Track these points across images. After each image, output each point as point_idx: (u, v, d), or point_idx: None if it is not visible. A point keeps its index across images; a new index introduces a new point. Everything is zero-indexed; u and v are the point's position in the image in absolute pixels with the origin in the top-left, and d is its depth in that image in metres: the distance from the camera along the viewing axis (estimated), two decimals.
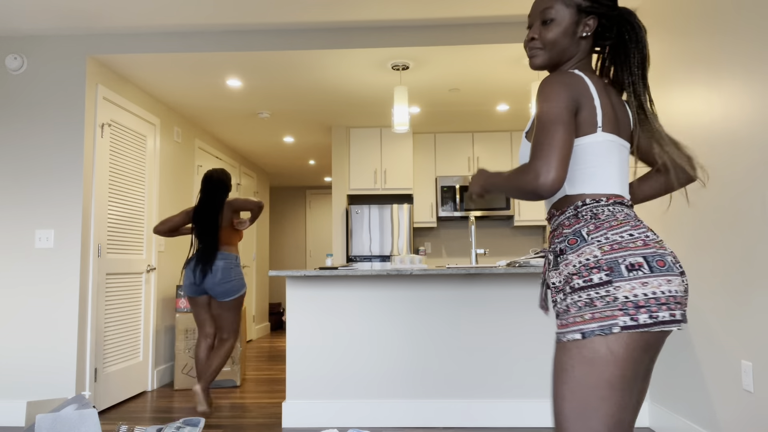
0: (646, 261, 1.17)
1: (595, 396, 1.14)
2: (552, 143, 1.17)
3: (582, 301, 1.19)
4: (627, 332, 1.13)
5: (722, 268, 2.47)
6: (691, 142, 2.71)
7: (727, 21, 2.40)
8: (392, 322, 3.34)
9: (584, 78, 1.29)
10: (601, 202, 1.27)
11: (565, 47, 1.35)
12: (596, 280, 1.18)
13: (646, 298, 1.14)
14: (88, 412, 2.59)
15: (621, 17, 1.36)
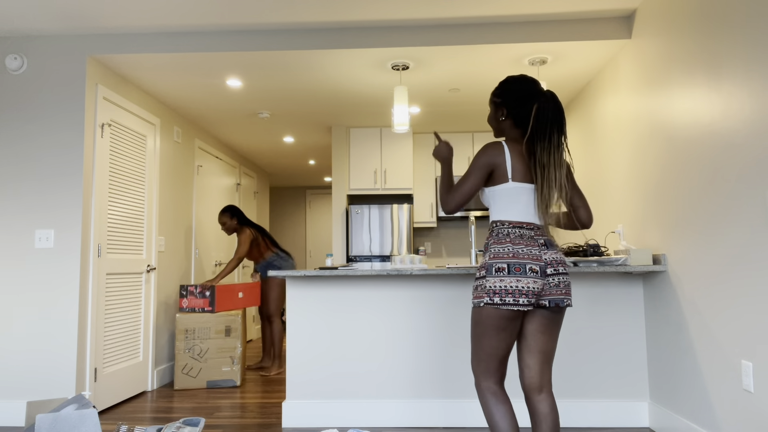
0: (507, 266, 1.94)
1: (478, 337, 2.00)
2: (461, 189, 2.03)
3: (475, 285, 2.02)
4: (488, 306, 1.96)
5: (722, 267, 2.47)
6: (691, 141, 2.71)
7: (726, 21, 2.40)
8: (392, 322, 3.34)
9: (504, 146, 2.03)
10: (503, 225, 2.02)
11: (495, 126, 2.18)
12: (481, 274, 1.99)
13: (500, 288, 1.93)
14: (88, 412, 2.59)
15: (532, 105, 2.04)
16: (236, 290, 4.73)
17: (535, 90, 2.04)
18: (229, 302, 4.64)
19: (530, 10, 3.40)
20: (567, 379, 3.27)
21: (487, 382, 1.99)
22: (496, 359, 1.98)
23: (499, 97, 2.10)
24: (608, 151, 3.89)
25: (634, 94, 3.42)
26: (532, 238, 1.98)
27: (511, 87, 2.07)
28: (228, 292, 4.63)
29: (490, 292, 1.93)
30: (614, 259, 3.07)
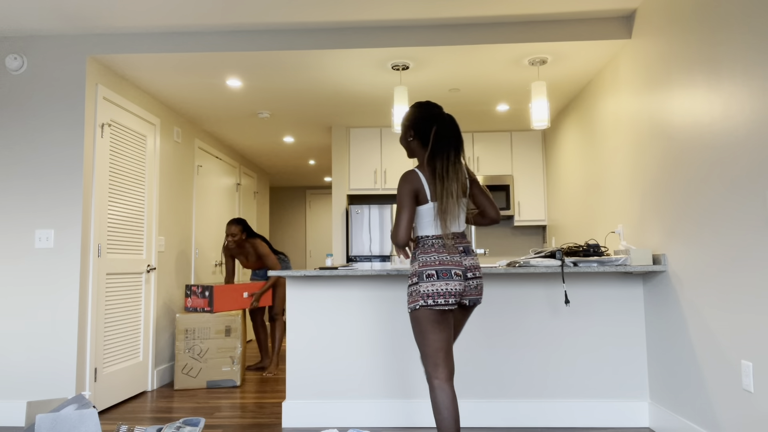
0: (436, 273, 2.23)
1: (422, 336, 2.26)
2: (402, 222, 2.28)
3: (409, 291, 2.30)
4: (423, 308, 2.24)
5: (722, 267, 2.47)
6: (691, 141, 2.71)
7: (726, 21, 2.40)
8: (392, 322, 3.34)
9: (418, 173, 2.31)
10: (428, 238, 2.32)
11: (405, 146, 2.45)
12: (414, 281, 2.28)
13: (431, 292, 2.22)
14: (88, 412, 2.59)
15: (432, 126, 2.34)
16: (239, 290, 4.72)
17: (435, 113, 2.35)
18: (231, 302, 4.62)
19: (530, 10, 3.40)
20: (567, 379, 3.27)
21: (438, 378, 2.25)
22: (442, 351, 2.26)
23: (407, 121, 2.40)
24: (608, 151, 3.89)
25: (634, 94, 3.42)
26: (453, 247, 2.29)
27: (416, 111, 2.38)
28: (229, 292, 4.62)
29: (424, 296, 2.23)
30: (614, 259, 3.07)
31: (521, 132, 5.88)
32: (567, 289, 3.31)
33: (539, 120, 3.87)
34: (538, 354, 3.29)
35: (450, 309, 2.25)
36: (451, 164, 2.28)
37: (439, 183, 2.26)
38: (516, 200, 5.77)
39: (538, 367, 3.29)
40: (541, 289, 3.32)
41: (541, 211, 5.77)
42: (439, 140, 2.30)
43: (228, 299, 4.61)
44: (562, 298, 3.31)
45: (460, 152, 2.31)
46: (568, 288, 3.32)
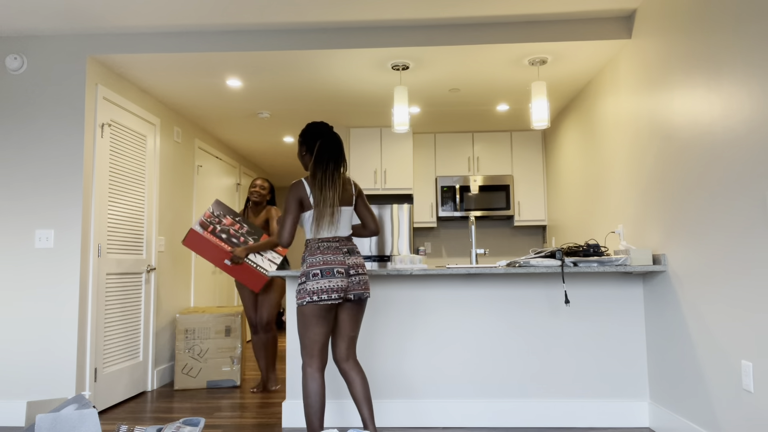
0: (320, 272, 2.52)
1: (305, 329, 2.55)
2: (286, 225, 2.57)
3: (298, 289, 2.55)
4: (309, 303, 2.51)
5: (722, 267, 2.47)
6: (691, 141, 2.71)
7: (726, 21, 2.40)
8: (392, 322, 3.34)
9: (304, 182, 2.61)
10: (314, 241, 2.59)
11: (301, 160, 2.74)
12: (302, 281, 2.54)
13: (316, 289, 2.50)
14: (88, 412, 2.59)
15: (317, 141, 2.65)
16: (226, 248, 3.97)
17: (322, 130, 2.66)
18: (208, 251, 3.95)
19: (530, 10, 3.40)
20: (567, 379, 3.27)
21: (311, 367, 2.55)
22: (318, 344, 2.55)
23: (301, 137, 2.69)
24: (608, 151, 3.89)
25: (633, 94, 3.42)
26: (337, 248, 2.58)
27: (307, 129, 2.68)
28: (209, 243, 3.95)
29: (310, 293, 2.50)
30: (614, 259, 3.07)
31: (521, 132, 5.88)
32: (567, 289, 3.31)
33: (539, 120, 3.87)
34: (538, 354, 3.29)
35: (333, 303, 2.53)
36: (329, 174, 2.58)
37: (318, 191, 2.56)
38: (516, 200, 5.77)
39: (538, 367, 3.29)
40: (541, 289, 3.32)
41: (541, 211, 5.77)
42: (321, 153, 2.60)
43: (209, 248, 3.95)
44: (562, 298, 3.31)
45: (339, 165, 2.62)
46: (568, 288, 3.32)
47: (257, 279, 3.99)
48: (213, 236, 3.95)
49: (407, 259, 3.40)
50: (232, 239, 3.99)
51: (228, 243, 3.96)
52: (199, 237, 3.92)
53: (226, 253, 3.94)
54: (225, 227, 4.00)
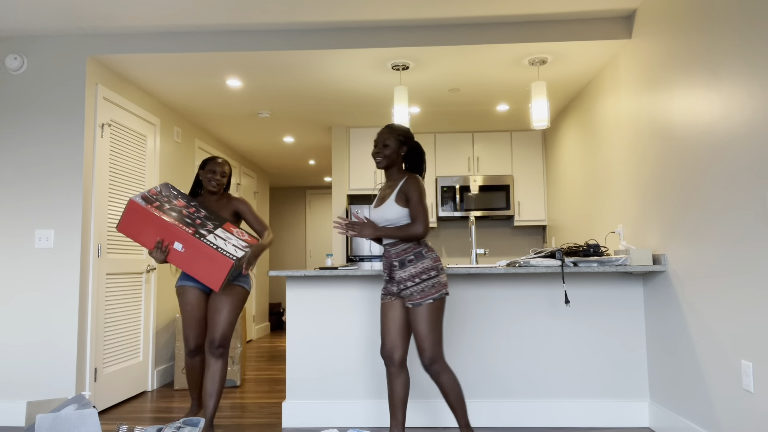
0: (443, 266, 2.67)
1: (439, 323, 2.56)
2: (427, 214, 2.58)
3: (430, 283, 2.55)
4: (445, 296, 2.59)
5: (722, 267, 2.47)
6: (691, 141, 2.71)
7: (726, 21, 2.40)
8: None
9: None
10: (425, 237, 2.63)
11: (393, 157, 2.70)
12: (432, 275, 2.56)
13: (446, 281, 2.60)
14: (88, 412, 2.59)
15: (418, 145, 2.77)
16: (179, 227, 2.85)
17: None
18: (152, 232, 2.89)
19: (530, 10, 3.40)
20: (567, 379, 3.27)
21: (445, 360, 2.62)
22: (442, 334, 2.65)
23: (404, 137, 2.72)
24: (608, 151, 3.89)
25: (634, 94, 3.42)
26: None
27: (409, 131, 2.76)
28: (155, 219, 2.88)
29: (445, 284, 2.59)
30: (614, 259, 3.07)
31: (521, 132, 5.88)
32: (567, 289, 3.31)
33: (539, 120, 3.87)
34: (538, 354, 3.29)
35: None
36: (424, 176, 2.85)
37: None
38: (516, 200, 5.77)
39: (538, 367, 3.29)
40: (541, 289, 3.32)
41: (541, 211, 5.77)
42: (423, 156, 2.79)
43: (151, 224, 2.88)
44: (562, 298, 3.31)
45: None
46: (568, 288, 3.32)
47: (217, 270, 2.84)
48: (159, 212, 2.88)
49: None
50: (186, 219, 2.93)
51: (182, 222, 2.88)
52: (141, 212, 2.85)
53: (178, 234, 2.84)
54: (175, 207, 3.00)
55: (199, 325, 3.14)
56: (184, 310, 3.12)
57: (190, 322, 3.12)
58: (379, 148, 2.70)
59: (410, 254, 2.60)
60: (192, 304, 3.12)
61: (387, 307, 2.69)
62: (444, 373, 2.55)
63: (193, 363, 3.22)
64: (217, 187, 3.21)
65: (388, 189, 2.72)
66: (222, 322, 3.03)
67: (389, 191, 2.70)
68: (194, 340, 3.15)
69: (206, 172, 3.22)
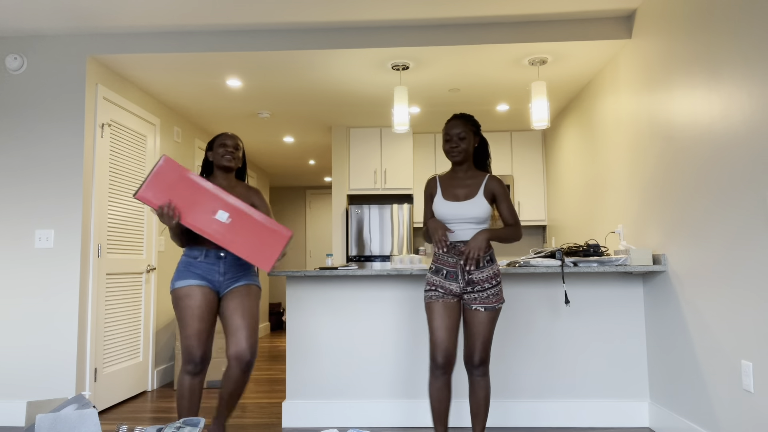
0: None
1: (495, 328, 2.77)
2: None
3: (496, 291, 2.48)
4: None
5: (722, 267, 2.47)
6: (691, 141, 2.71)
7: (726, 21, 2.40)
8: (392, 321, 3.34)
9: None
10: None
11: (469, 150, 2.55)
12: (498, 281, 2.49)
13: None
14: (88, 412, 2.59)
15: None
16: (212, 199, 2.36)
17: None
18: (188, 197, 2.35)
19: (530, 10, 3.40)
20: (567, 379, 3.27)
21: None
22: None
23: (477, 127, 2.59)
24: (608, 151, 3.89)
25: (634, 94, 3.42)
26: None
27: (479, 124, 2.64)
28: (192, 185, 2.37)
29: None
30: (614, 259, 3.07)
31: (521, 132, 5.88)
32: (567, 289, 3.31)
33: (539, 120, 3.87)
34: (538, 354, 3.29)
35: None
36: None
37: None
38: (516, 200, 5.77)
39: (538, 367, 3.29)
40: (541, 289, 3.32)
41: (541, 211, 5.77)
42: (487, 157, 2.67)
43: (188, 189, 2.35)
44: (562, 298, 3.31)
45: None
46: (568, 288, 3.32)
47: (273, 243, 2.34)
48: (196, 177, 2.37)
49: (407, 259, 3.40)
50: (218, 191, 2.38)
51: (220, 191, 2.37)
52: (177, 172, 2.33)
53: (222, 200, 2.34)
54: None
55: (209, 335, 2.51)
56: (189, 314, 2.46)
57: (196, 330, 2.46)
58: (455, 141, 2.52)
59: (487, 255, 2.50)
60: (200, 307, 2.47)
61: (447, 308, 2.46)
62: (488, 375, 2.56)
63: (194, 384, 2.49)
64: (232, 161, 2.62)
65: (468, 185, 2.55)
66: (250, 328, 2.49)
67: (471, 188, 2.54)
68: (201, 352, 2.47)
69: (217, 147, 2.64)
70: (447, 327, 2.44)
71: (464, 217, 2.50)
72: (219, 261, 2.57)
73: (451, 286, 2.47)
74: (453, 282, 2.47)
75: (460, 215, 2.50)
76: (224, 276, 2.58)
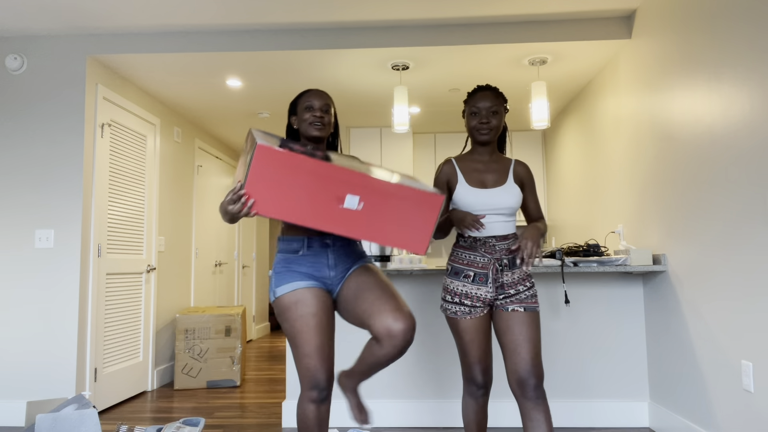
0: None
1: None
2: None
3: (535, 290, 2.14)
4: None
5: (722, 267, 2.47)
6: (691, 141, 2.71)
7: (726, 21, 2.40)
8: None
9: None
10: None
11: (497, 124, 2.13)
12: (533, 281, 2.24)
13: None
14: (88, 412, 2.59)
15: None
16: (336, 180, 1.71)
17: None
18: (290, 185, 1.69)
19: (530, 10, 3.40)
20: (567, 379, 3.27)
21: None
22: None
23: (506, 102, 2.18)
24: (608, 151, 3.89)
25: (633, 94, 3.42)
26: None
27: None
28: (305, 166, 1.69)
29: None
30: (614, 259, 3.07)
31: (521, 132, 5.88)
32: (567, 289, 3.31)
33: (539, 120, 3.87)
34: None
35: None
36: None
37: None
38: None
39: None
40: (541, 289, 3.32)
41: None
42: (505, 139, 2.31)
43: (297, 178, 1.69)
44: (562, 298, 3.31)
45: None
46: (568, 288, 3.32)
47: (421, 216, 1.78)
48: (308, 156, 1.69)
49: (407, 259, 3.40)
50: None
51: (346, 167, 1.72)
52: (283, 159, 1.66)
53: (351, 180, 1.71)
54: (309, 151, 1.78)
55: (331, 349, 1.94)
56: (303, 327, 1.88)
57: (316, 345, 1.89)
58: (486, 116, 2.10)
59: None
60: (316, 315, 1.90)
61: (481, 324, 2.07)
62: (546, 397, 2.02)
63: (322, 413, 1.94)
64: (321, 129, 2.01)
65: (494, 169, 2.16)
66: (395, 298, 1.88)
67: (499, 173, 2.15)
68: (326, 373, 1.91)
69: (302, 111, 2.04)
70: (482, 341, 2.07)
71: (495, 207, 2.09)
72: (325, 250, 1.97)
73: (479, 292, 2.06)
74: (482, 286, 2.07)
75: (489, 205, 2.09)
76: (335, 269, 1.97)
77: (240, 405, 3.87)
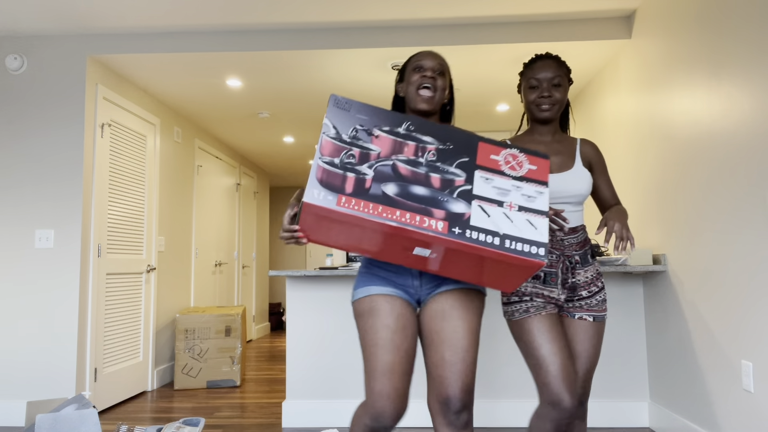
0: None
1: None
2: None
3: (605, 293, 1.86)
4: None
5: (722, 267, 2.47)
6: (692, 141, 2.71)
7: (727, 21, 2.40)
8: None
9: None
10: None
11: (563, 93, 1.84)
12: (604, 281, 1.92)
13: None
14: (88, 412, 2.59)
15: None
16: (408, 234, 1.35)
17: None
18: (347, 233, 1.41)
19: (530, 10, 3.40)
20: None
21: None
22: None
23: (570, 73, 1.89)
24: (608, 151, 3.89)
25: (634, 94, 3.42)
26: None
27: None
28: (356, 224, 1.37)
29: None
30: (614, 259, 3.07)
31: (521, 132, 5.88)
32: None
33: None
34: None
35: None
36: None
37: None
38: None
39: None
40: None
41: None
42: (567, 117, 2.06)
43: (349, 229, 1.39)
44: None
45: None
46: None
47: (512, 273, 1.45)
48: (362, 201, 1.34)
49: None
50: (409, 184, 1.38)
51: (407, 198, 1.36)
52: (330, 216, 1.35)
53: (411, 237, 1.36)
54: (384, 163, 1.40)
55: (406, 372, 1.59)
56: (372, 340, 1.60)
57: (385, 365, 1.57)
58: (547, 89, 1.79)
59: (588, 246, 1.83)
60: (388, 327, 1.60)
61: (554, 322, 1.72)
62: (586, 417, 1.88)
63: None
64: (430, 101, 1.68)
65: (559, 151, 1.86)
66: (465, 363, 1.63)
67: (565, 156, 1.85)
68: (394, 402, 1.55)
69: (410, 72, 1.73)
70: (563, 347, 1.68)
71: (563, 193, 1.79)
72: None
73: (552, 293, 1.76)
74: (554, 287, 1.76)
75: (555, 193, 1.80)
76: (420, 278, 1.67)
77: (240, 405, 3.87)
